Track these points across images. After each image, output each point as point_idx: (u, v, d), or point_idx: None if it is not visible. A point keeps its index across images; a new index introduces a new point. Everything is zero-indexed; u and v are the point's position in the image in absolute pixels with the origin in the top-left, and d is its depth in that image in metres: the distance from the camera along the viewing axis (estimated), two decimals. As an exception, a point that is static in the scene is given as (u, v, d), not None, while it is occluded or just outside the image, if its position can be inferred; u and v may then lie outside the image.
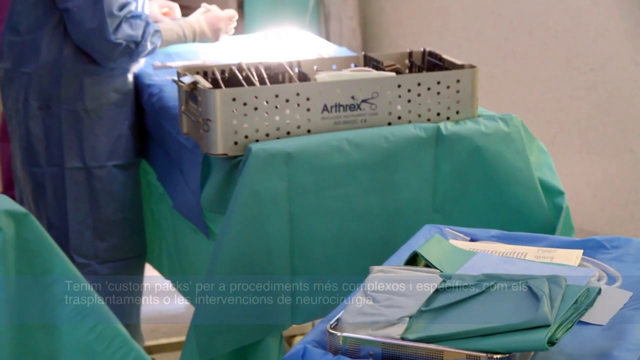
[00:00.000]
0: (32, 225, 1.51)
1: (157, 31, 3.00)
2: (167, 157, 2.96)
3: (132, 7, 2.94)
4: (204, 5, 3.23)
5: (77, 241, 3.02)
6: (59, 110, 3.00)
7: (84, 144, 3.02)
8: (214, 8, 3.20)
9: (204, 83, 2.54)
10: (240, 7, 4.54)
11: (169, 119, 2.84)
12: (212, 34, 3.12)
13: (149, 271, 3.27)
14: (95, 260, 3.05)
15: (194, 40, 3.13)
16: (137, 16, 2.94)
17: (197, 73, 2.65)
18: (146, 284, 3.27)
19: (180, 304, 3.72)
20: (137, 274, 3.21)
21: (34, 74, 3.01)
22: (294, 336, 3.14)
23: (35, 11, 2.96)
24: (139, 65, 3.11)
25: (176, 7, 3.21)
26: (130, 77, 3.06)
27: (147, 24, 2.97)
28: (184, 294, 3.10)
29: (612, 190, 4.24)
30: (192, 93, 2.56)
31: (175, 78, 2.68)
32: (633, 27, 4.08)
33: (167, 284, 3.20)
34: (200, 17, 3.14)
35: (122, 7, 2.89)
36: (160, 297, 3.66)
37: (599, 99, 4.23)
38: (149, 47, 2.95)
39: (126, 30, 2.90)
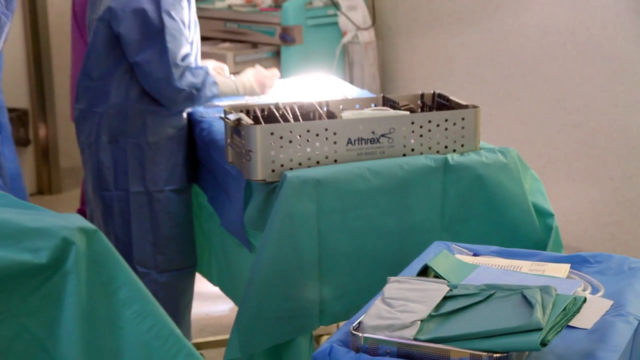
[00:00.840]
0: (100, 240, 1.50)
1: (215, 82, 3.00)
2: (215, 182, 2.96)
3: (192, 58, 2.95)
4: (257, 65, 3.26)
5: (139, 254, 3.03)
6: (125, 143, 3.01)
7: (145, 172, 3.03)
8: (260, 68, 3.21)
9: (247, 120, 2.54)
10: (278, 55, 4.55)
11: (217, 150, 2.84)
12: (259, 89, 3.14)
13: (198, 279, 3.26)
14: (154, 270, 3.06)
15: (244, 95, 3.14)
16: (198, 67, 2.96)
17: (241, 111, 2.65)
18: (196, 289, 3.26)
19: (224, 306, 3.72)
20: (189, 281, 3.21)
21: (104, 114, 3.02)
22: (321, 336, 3.12)
23: (106, 62, 2.98)
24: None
25: (226, 68, 3.22)
26: (184, 114, 3.06)
27: (207, 73, 2.98)
28: (230, 297, 3.11)
29: (594, 213, 4.22)
30: (236, 128, 2.56)
31: (223, 115, 2.68)
32: (612, 73, 4.07)
33: (214, 290, 3.20)
34: (250, 75, 3.15)
35: (184, 58, 2.90)
36: (208, 301, 3.64)
37: (583, 135, 4.21)
38: (209, 94, 2.96)
39: (189, 78, 2.91)
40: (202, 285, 3.26)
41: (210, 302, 3.64)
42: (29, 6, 5.29)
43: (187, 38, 2.95)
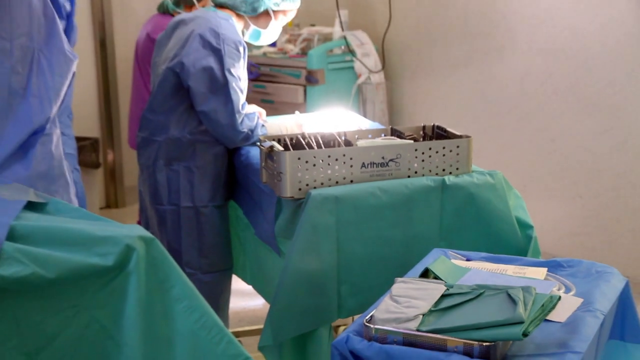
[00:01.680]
0: (157, 246, 1.50)
1: (263, 125, 3.04)
2: (250, 199, 2.96)
3: (247, 106, 2.98)
4: (297, 112, 3.32)
5: (187, 257, 3.03)
6: (178, 166, 3.02)
7: (194, 190, 3.03)
8: (299, 114, 3.28)
9: (278, 147, 2.54)
10: (304, 93, 4.55)
11: (253, 172, 2.84)
12: (298, 131, 3.15)
13: (235, 279, 3.26)
14: (199, 271, 3.06)
15: (280, 130, 3.16)
16: (251, 114, 2.98)
17: (273, 140, 2.65)
18: (234, 287, 3.26)
19: (258, 301, 3.71)
20: (227, 281, 3.21)
21: (163, 142, 3.03)
22: (339, 326, 3.11)
23: (169, 102, 2.99)
24: None
25: (264, 112, 3.23)
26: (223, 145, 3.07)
27: (257, 118, 3.00)
28: (262, 295, 3.10)
29: (567, 225, 4.21)
30: (270, 154, 2.56)
31: (258, 143, 2.69)
32: (582, 109, 4.05)
33: (250, 288, 3.20)
34: (292, 121, 3.20)
35: (243, 106, 2.92)
36: (246, 297, 3.63)
37: (557, 160, 4.20)
38: (259, 134, 2.97)
39: (247, 122, 2.93)
40: (239, 284, 3.25)
41: (248, 298, 3.63)
42: (100, 54, 5.32)
43: (243, 90, 2.96)
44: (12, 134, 1.81)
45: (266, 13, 3.05)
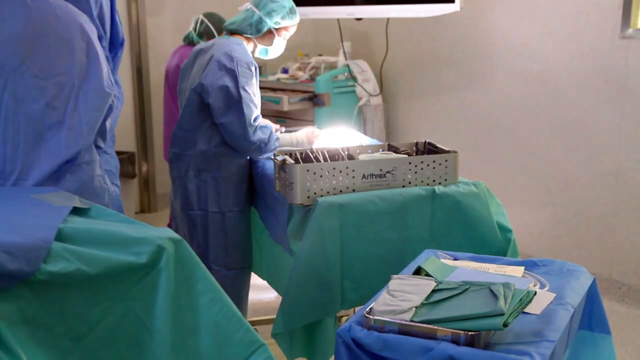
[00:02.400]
0: (184, 246, 1.51)
1: (277, 138, 3.02)
2: (266, 205, 2.95)
3: (260, 119, 2.97)
4: (312, 127, 3.32)
5: (214, 256, 3.04)
6: (206, 177, 3.03)
7: (220, 197, 3.04)
8: (313, 128, 3.26)
9: (290, 160, 2.55)
10: (313, 114, 4.56)
11: (268, 182, 2.84)
12: (308, 144, 3.13)
13: (253, 275, 3.26)
14: (224, 268, 3.06)
15: (297, 145, 3.13)
16: (265, 126, 2.97)
17: (286, 154, 2.65)
18: (252, 282, 3.26)
19: (271, 294, 3.71)
20: (247, 277, 3.21)
21: (192, 156, 3.03)
22: (342, 317, 3.10)
23: (195, 119, 2.99)
24: None
25: (318, 132, 3.25)
26: (247, 158, 3.07)
27: (271, 132, 2.99)
28: (275, 288, 3.09)
29: (541, 229, 4.20)
30: (282, 166, 2.55)
31: (272, 157, 2.69)
32: (555, 128, 4.05)
33: (264, 283, 3.20)
34: (303, 133, 3.17)
35: (255, 119, 2.92)
36: (261, 291, 3.62)
37: (532, 173, 4.21)
38: (272, 147, 2.97)
39: (259, 134, 2.92)
40: (256, 279, 3.25)
41: (262, 292, 3.63)
42: (137, 80, 5.35)
43: (256, 105, 2.96)
44: (45, 163, 1.81)
45: (269, 32, 3.07)
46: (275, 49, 3.17)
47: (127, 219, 1.61)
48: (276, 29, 3.07)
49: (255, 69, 2.99)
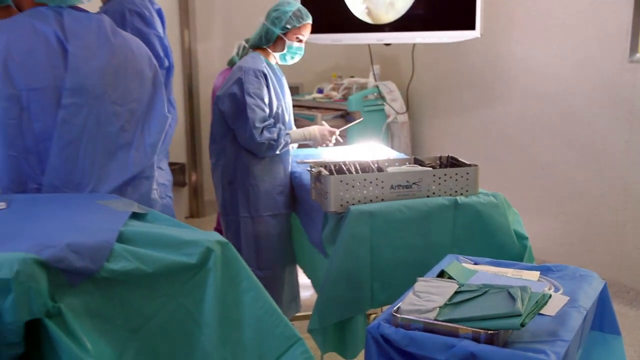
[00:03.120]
0: (230, 249, 1.52)
1: (287, 133, 3.00)
2: (304, 212, 2.97)
3: (270, 121, 2.94)
4: (323, 122, 3.28)
5: (245, 256, 3.02)
6: (237, 185, 3.05)
7: (250, 203, 3.05)
8: (325, 123, 3.20)
9: (324, 172, 2.55)
10: (344, 131, 4.56)
11: (305, 191, 2.85)
12: (320, 138, 3.11)
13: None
14: (256, 267, 3.07)
15: (309, 140, 3.11)
16: (272, 127, 2.94)
17: (321, 166, 2.66)
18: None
19: (307, 293, 3.70)
20: (282, 277, 3.20)
21: (225, 165, 3.06)
22: (371, 315, 3.08)
23: (221, 130, 3.03)
24: (289, 155, 3.13)
25: (335, 130, 3.23)
26: (282, 172, 3.07)
27: (280, 129, 2.96)
28: (315, 287, 3.10)
29: (554, 237, 4.17)
30: (318, 177, 2.56)
31: (309, 168, 2.70)
32: (567, 143, 4.02)
33: (305, 281, 3.24)
34: (315, 128, 3.12)
35: (262, 121, 2.89)
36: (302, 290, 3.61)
37: (545, 185, 4.17)
38: (283, 142, 2.96)
39: (266, 134, 2.91)
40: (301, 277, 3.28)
41: (302, 290, 3.62)
42: (188, 99, 5.40)
43: (263, 108, 2.92)
44: (113, 178, 1.84)
45: (279, 38, 3.03)
46: (292, 53, 3.08)
47: (179, 223, 1.62)
48: (284, 34, 3.03)
49: (265, 76, 2.96)
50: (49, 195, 1.73)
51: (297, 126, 3.26)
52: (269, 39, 3.03)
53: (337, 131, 3.19)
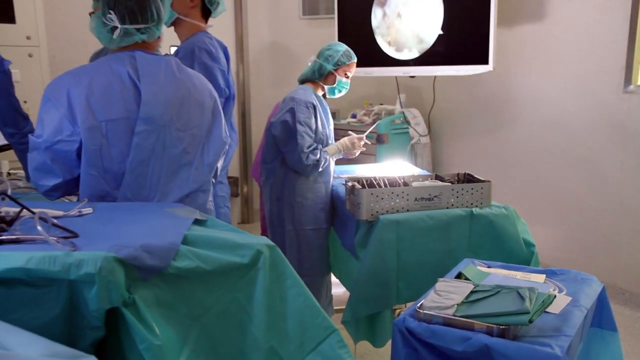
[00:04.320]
0: (277, 251, 1.51)
1: (325, 151, 2.98)
2: (339, 220, 2.96)
3: (314, 145, 2.93)
4: (350, 132, 3.25)
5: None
6: (283, 200, 3.03)
7: (294, 217, 3.03)
8: (352, 133, 3.16)
9: (358, 186, 2.55)
10: (376, 150, 4.55)
11: (340, 202, 2.85)
12: (352, 145, 3.05)
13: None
14: (298, 273, 3.03)
15: (343, 150, 3.06)
16: (315, 149, 2.93)
17: (355, 180, 2.65)
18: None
19: (341, 290, 3.68)
20: (323, 283, 3.18)
21: (273, 182, 3.05)
22: (396, 309, 3.07)
23: (272, 152, 3.03)
24: (330, 176, 3.11)
25: (361, 137, 3.18)
26: (324, 190, 3.05)
27: (321, 151, 2.95)
28: (344, 285, 3.09)
29: (558, 245, 4.10)
30: (352, 190, 2.56)
31: (344, 182, 2.70)
32: (569, 163, 3.97)
33: (335, 280, 3.21)
34: (345, 139, 3.08)
35: (309, 147, 2.90)
36: (333, 286, 3.61)
37: (553, 199, 4.11)
38: (323, 160, 2.94)
39: (311, 157, 2.90)
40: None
41: (333, 287, 3.60)
42: (241, 123, 5.44)
43: (311, 136, 2.92)
44: (176, 193, 1.86)
45: (330, 74, 3.03)
46: (340, 87, 3.09)
47: (233, 228, 1.63)
48: (335, 70, 3.03)
49: (314, 107, 2.95)
50: (125, 204, 1.76)
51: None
52: (321, 74, 3.03)
53: (364, 136, 3.15)
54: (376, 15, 4.56)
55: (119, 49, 1.88)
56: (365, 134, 3.16)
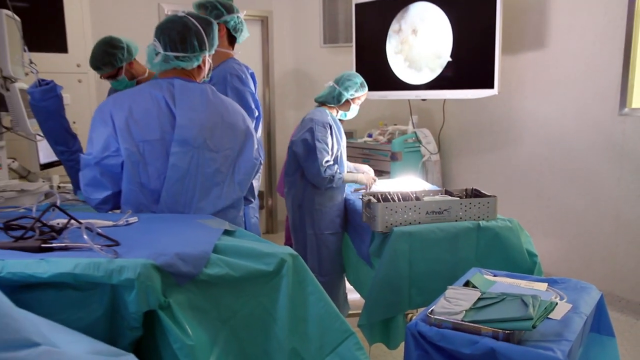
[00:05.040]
0: (299, 260, 1.51)
1: (341, 175, 3.03)
2: (355, 231, 2.95)
3: (331, 161, 2.99)
4: (366, 166, 3.30)
5: (310, 265, 3.05)
6: (304, 208, 3.08)
7: (314, 223, 3.06)
8: (370, 170, 3.24)
9: (373, 200, 2.54)
10: (390, 166, 4.54)
11: (357, 214, 2.84)
12: (366, 182, 3.14)
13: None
14: (318, 274, 3.08)
15: (355, 182, 3.14)
16: (332, 165, 2.98)
17: (370, 195, 2.65)
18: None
19: (356, 296, 3.65)
20: (339, 282, 3.19)
21: (295, 193, 3.10)
22: (409, 314, 3.03)
23: (293, 166, 3.08)
24: (345, 187, 3.14)
25: (371, 170, 3.25)
26: (339, 198, 3.07)
27: (337, 170, 3.00)
28: (358, 291, 3.06)
29: (559, 255, 4.04)
30: (368, 204, 2.55)
31: (361, 197, 2.69)
32: (568, 179, 3.92)
33: (350, 287, 3.18)
34: (362, 176, 3.16)
35: (326, 161, 2.95)
36: (349, 293, 3.59)
37: (552, 213, 4.06)
38: (337, 180, 2.99)
39: (328, 171, 2.95)
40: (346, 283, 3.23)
41: (349, 294, 3.59)
42: (267, 140, 5.46)
43: (328, 152, 2.98)
44: (209, 209, 1.87)
45: (347, 101, 3.11)
46: (352, 112, 3.19)
47: (259, 238, 1.63)
48: (351, 99, 3.11)
49: (331, 127, 3.01)
50: (162, 215, 1.77)
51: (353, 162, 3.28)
52: (339, 100, 3.10)
53: (376, 179, 3.24)
54: (391, 42, 4.56)
55: (161, 76, 1.91)
56: (378, 179, 3.25)
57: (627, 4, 3.49)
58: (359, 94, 3.11)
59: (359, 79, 3.12)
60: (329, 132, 2.99)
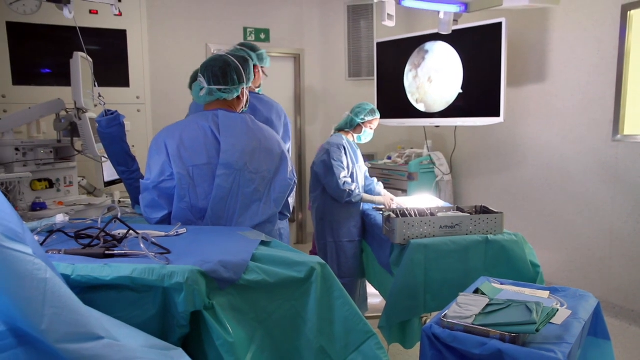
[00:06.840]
0: (327, 268, 1.50)
1: (360, 192, 3.03)
2: (376, 243, 2.92)
3: (348, 175, 3.00)
4: (388, 193, 3.28)
5: (331, 269, 3.02)
6: (325, 220, 3.09)
7: (334, 232, 3.07)
8: (388, 194, 3.22)
9: (393, 215, 2.52)
10: (407, 185, 4.51)
11: (377, 228, 2.82)
12: (384, 202, 3.13)
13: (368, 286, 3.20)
14: (338, 277, 3.03)
15: (373, 202, 3.12)
16: (349, 183, 2.99)
17: (390, 211, 2.63)
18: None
19: (377, 300, 3.63)
20: (357, 285, 3.17)
21: (317, 207, 3.12)
22: (423, 318, 2.99)
23: (316, 184, 3.10)
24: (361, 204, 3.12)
25: (393, 197, 3.23)
26: (357, 209, 3.05)
27: (357, 185, 3.01)
28: (382, 295, 3.02)
29: (559, 266, 3.94)
30: (388, 218, 2.53)
31: (381, 212, 2.68)
32: (567, 198, 3.84)
33: (373, 292, 3.14)
34: (381, 198, 3.15)
35: (343, 175, 2.97)
36: (371, 297, 3.55)
37: (553, 227, 3.97)
38: (356, 196, 2.98)
39: (347, 186, 2.96)
40: (369, 289, 3.20)
41: (371, 298, 3.55)
42: (298, 162, 5.47)
43: (344, 168, 3.00)
44: (247, 223, 1.88)
45: (359, 126, 3.13)
46: (366, 135, 3.19)
47: (291, 249, 1.63)
48: (362, 123, 3.12)
49: (344, 148, 3.05)
50: (207, 227, 1.79)
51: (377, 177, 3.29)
52: (352, 125, 3.14)
53: (395, 200, 3.22)
54: (408, 78, 4.57)
55: (207, 107, 1.95)
56: (396, 201, 3.22)
57: (618, 43, 3.45)
58: (370, 118, 3.13)
59: (369, 106, 3.15)
60: (343, 152, 3.03)
